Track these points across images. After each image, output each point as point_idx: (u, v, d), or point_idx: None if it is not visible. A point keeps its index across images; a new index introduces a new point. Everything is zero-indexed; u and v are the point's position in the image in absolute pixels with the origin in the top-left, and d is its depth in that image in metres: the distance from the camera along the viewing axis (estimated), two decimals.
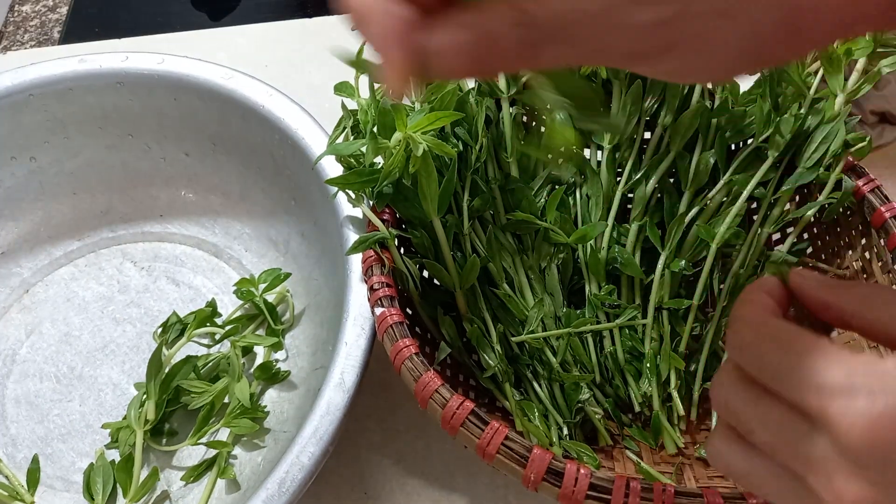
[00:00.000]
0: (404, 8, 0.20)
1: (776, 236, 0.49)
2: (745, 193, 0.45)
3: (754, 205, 0.50)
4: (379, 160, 0.42)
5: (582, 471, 0.32)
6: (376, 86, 0.42)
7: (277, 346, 0.54)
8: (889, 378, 0.19)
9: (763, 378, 0.23)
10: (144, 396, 0.49)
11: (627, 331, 0.46)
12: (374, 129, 0.40)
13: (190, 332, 0.52)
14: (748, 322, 0.24)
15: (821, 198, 0.45)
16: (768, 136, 0.45)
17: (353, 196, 0.44)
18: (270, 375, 0.51)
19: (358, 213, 0.46)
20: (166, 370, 0.50)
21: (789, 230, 0.48)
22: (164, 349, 0.52)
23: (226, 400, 0.50)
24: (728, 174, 0.46)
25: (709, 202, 0.47)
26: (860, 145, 0.44)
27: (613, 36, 0.19)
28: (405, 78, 0.20)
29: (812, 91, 0.44)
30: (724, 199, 0.47)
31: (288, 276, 0.55)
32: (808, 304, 0.25)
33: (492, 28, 0.19)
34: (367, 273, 0.41)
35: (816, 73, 0.45)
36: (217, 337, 0.54)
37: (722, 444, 0.25)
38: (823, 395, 0.20)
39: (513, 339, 0.45)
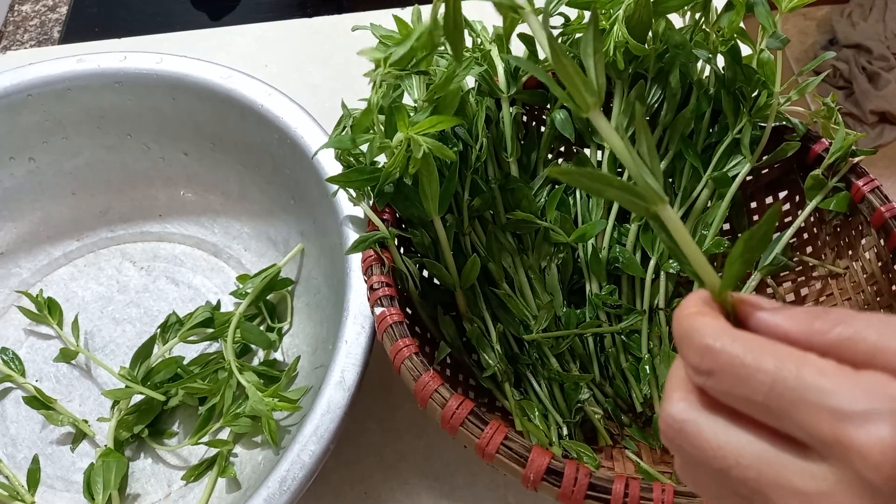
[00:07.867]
0: None
1: (776, 234, 0.49)
2: (728, 198, 0.45)
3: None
4: (378, 158, 0.42)
5: (581, 471, 0.32)
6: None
7: (275, 346, 0.54)
8: None
9: (738, 402, 0.20)
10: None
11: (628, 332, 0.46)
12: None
13: (184, 330, 0.52)
14: (711, 334, 0.20)
15: (814, 202, 0.45)
16: (741, 127, 0.45)
17: (353, 195, 0.44)
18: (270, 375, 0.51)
19: (358, 212, 0.46)
20: (154, 364, 0.50)
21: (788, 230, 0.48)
22: (157, 342, 0.52)
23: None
24: (707, 174, 0.46)
25: (695, 203, 0.47)
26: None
27: None
28: None
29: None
30: (710, 199, 0.47)
31: (290, 282, 0.55)
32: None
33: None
34: (366, 272, 0.41)
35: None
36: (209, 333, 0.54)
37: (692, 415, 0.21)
38: (839, 420, 0.18)
39: (525, 337, 0.45)
